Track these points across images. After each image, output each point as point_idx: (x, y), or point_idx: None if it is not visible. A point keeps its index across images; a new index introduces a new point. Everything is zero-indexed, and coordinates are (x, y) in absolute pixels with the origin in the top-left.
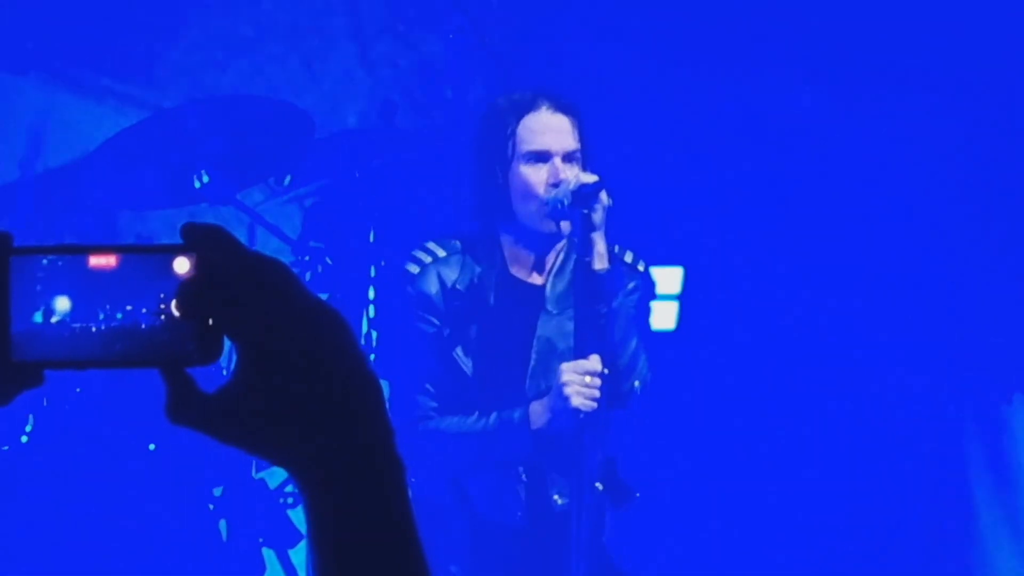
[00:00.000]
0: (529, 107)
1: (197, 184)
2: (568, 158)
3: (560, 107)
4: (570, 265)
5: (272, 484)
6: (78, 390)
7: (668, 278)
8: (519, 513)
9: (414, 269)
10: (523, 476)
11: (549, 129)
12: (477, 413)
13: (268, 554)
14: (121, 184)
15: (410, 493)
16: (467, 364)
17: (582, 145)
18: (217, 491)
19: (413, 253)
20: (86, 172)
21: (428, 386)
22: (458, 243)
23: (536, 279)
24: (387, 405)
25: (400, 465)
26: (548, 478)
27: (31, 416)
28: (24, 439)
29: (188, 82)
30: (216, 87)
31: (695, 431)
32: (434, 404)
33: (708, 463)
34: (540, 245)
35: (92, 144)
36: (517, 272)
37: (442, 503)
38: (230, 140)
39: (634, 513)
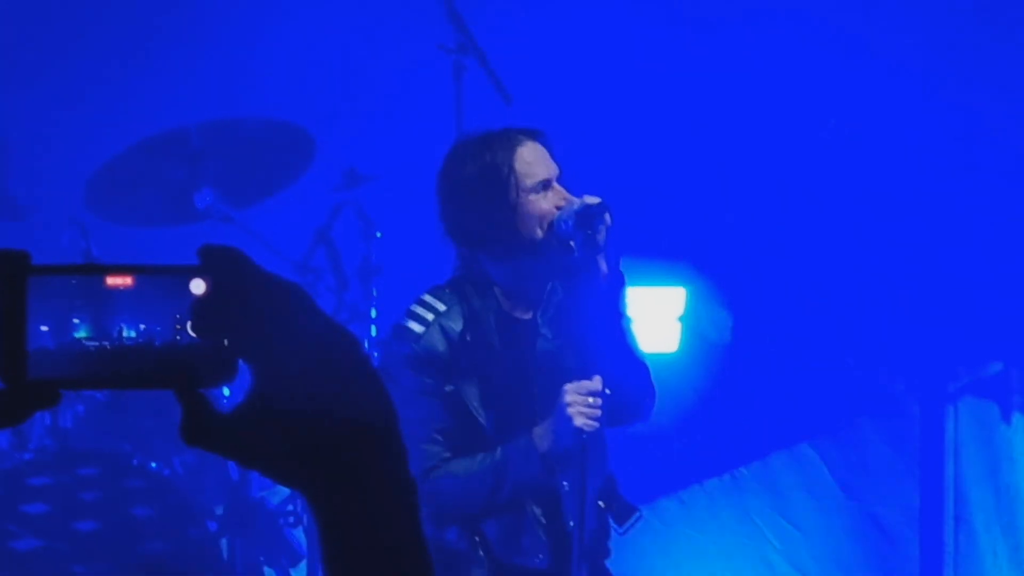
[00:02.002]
0: (516, 142)
1: (199, 203)
2: (559, 181)
3: (536, 137)
4: (557, 295)
5: (273, 503)
6: (79, 409)
7: (671, 299)
8: (540, 555)
9: (418, 328)
10: (541, 518)
11: (540, 159)
12: (483, 452)
13: (269, 574)
14: (124, 202)
15: (422, 515)
16: (481, 411)
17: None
18: (218, 510)
19: (412, 310)
20: (90, 189)
21: (438, 436)
22: (451, 291)
23: (528, 315)
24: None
25: (412, 485)
26: (564, 509)
27: (33, 434)
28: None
29: (192, 102)
30: (219, 107)
31: (694, 450)
32: (447, 455)
33: (708, 482)
34: (533, 282)
35: (96, 162)
36: (511, 310)
37: (457, 549)
38: (232, 159)
39: (637, 532)
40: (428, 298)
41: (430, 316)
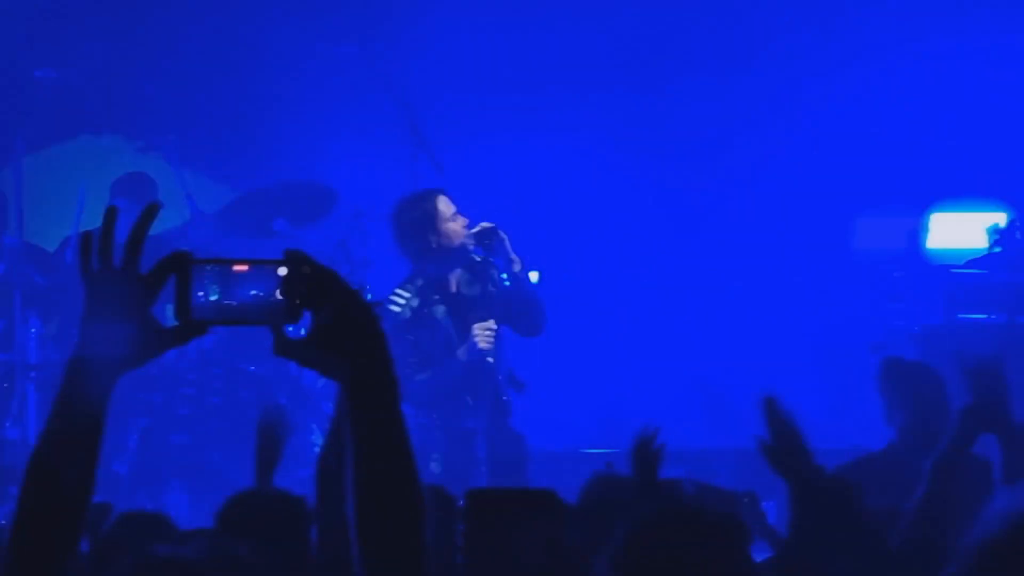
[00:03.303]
0: (434, 196)
1: (273, 228)
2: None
3: (442, 192)
4: (467, 275)
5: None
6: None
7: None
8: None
9: (396, 308)
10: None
11: (448, 203)
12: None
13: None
14: (230, 225)
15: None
16: (435, 345)
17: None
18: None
19: (391, 297)
20: (213, 222)
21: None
22: (410, 284)
23: (453, 288)
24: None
25: (396, 381)
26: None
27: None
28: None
29: (269, 165)
30: (281, 170)
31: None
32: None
33: None
34: (451, 271)
35: (207, 207)
36: (444, 287)
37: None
38: (292, 202)
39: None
40: (400, 290)
41: (402, 300)
